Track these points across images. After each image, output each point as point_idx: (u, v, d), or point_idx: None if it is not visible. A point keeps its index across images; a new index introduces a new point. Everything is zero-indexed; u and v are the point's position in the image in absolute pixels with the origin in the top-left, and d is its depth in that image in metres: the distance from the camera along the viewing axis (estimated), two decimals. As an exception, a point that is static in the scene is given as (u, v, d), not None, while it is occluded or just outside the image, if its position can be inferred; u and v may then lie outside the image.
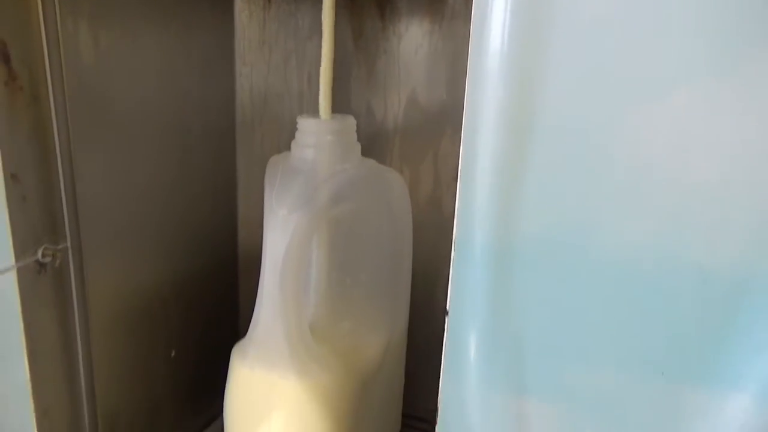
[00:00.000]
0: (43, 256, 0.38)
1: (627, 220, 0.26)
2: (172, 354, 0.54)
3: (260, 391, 0.45)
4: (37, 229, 0.38)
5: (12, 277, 0.36)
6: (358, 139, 0.48)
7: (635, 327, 0.27)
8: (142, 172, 0.47)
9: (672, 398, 0.27)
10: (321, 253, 0.47)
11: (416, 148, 0.60)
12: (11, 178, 0.35)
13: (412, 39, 0.57)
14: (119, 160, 0.44)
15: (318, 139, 0.44)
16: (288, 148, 0.47)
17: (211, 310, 0.59)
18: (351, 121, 0.46)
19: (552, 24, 0.25)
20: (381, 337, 0.50)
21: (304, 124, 0.44)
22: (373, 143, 0.60)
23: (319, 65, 0.45)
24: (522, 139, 0.27)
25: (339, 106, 0.62)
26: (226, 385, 0.47)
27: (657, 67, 0.24)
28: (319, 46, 0.47)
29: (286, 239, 0.41)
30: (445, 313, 0.31)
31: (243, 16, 0.58)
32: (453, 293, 0.30)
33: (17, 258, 0.36)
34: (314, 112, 0.49)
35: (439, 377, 0.32)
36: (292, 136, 0.46)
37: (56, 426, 0.42)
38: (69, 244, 0.40)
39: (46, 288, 0.39)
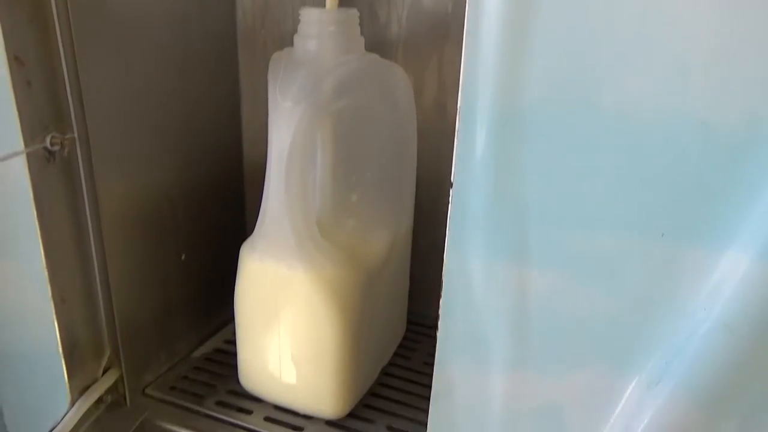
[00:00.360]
0: (52, 144, 0.38)
1: (631, 76, 0.26)
2: (183, 257, 0.55)
3: (269, 284, 0.46)
4: (44, 115, 0.38)
5: (22, 163, 0.37)
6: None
7: (638, 188, 0.27)
8: (144, 72, 0.47)
9: (672, 259, 0.28)
10: (326, 149, 0.47)
11: (420, 53, 0.59)
12: (15, 61, 0.35)
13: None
14: (122, 57, 0.44)
15: (321, 30, 0.43)
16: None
17: (218, 215, 0.60)
18: (354, 12, 0.45)
19: None
20: (386, 233, 0.50)
21: (308, 14, 0.44)
22: (376, 49, 0.59)
23: None
24: None
25: (341, 5, 0.60)
26: (236, 282, 0.48)
27: None
28: None
29: (291, 131, 0.42)
30: (450, 185, 0.31)
31: None
32: (458, 164, 0.30)
33: (26, 143, 0.36)
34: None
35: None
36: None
37: (74, 314, 0.44)
38: (76, 134, 0.40)
39: (55, 177, 0.39)
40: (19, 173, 0.37)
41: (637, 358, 0.30)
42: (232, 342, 0.60)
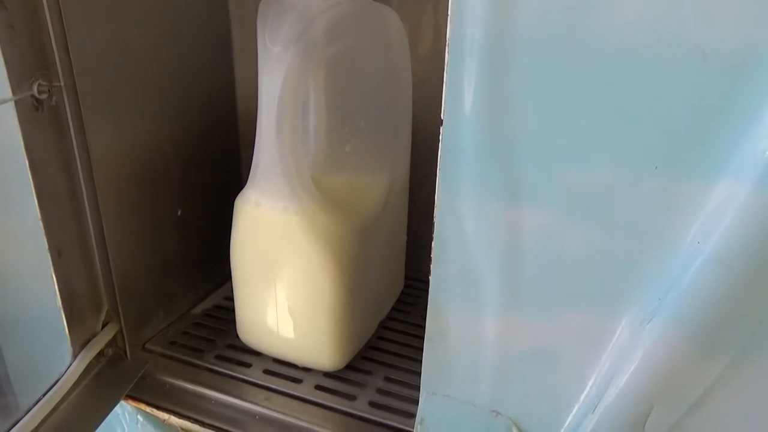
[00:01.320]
0: (39, 91, 0.38)
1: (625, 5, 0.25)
2: (179, 213, 0.55)
3: (263, 235, 0.46)
4: (29, 62, 0.37)
5: (11, 110, 0.36)
6: None
7: (631, 119, 0.27)
8: (133, 19, 0.46)
9: (665, 193, 0.27)
10: (318, 96, 0.46)
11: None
12: (-4, 6, 0.34)
13: None
14: (108, 4, 0.43)
15: (311, -27, 0.42)
16: None
17: (214, 170, 0.59)
18: (344, -43, 0.44)
19: None
20: (382, 181, 0.50)
21: (297, -42, 0.42)
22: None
23: None
24: None
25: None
26: (232, 234, 0.48)
27: None
28: None
29: (282, 77, 0.41)
30: (440, 123, 0.30)
31: None
32: (447, 99, 0.30)
33: (14, 91, 0.36)
34: None
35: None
36: None
37: (71, 268, 0.44)
38: (62, 83, 0.39)
39: (45, 126, 0.39)
40: (9, 121, 0.36)
41: (629, 296, 0.29)
42: (232, 299, 0.60)
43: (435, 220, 0.33)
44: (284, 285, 0.47)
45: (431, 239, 0.33)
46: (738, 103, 0.25)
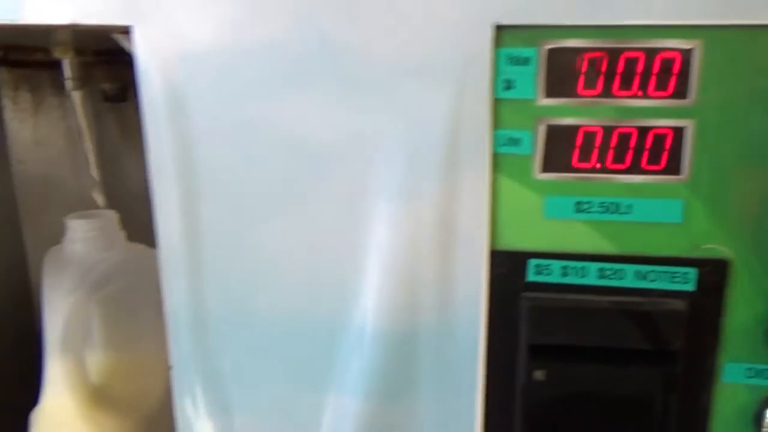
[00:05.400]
0: None
1: (266, 295, 0.42)
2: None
3: (57, 443, 0.55)
4: None
5: None
6: (140, 217, 0.59)
7: (286, 360, 0.43)
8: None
9: (314, 402, 0.43)
10: (101, 325, 0.58)
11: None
12: None
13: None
14: None
15: (83, 236, 0.55)
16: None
17: (9, 391, 0.67)
18: (112, 216, 0.58)
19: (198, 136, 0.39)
20: (161, 383, 0.62)
21: (71, 224, 0.56)
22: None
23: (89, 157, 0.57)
24: (195, 225, 0.40)
25: (117, 189, 0.73)
26: (29, 445, 0.57)
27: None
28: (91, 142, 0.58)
29: (63, 319, 0.53)
30: (170, 368, 0.44)
31: (14, 123, 0.66)
32: (173, 354, 0.44)
33: None
34: (91, 197, 0.59)
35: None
36: None
37: None
38: None
39: None
40: None
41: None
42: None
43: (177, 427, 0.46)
44: (78, 482, 0.56)
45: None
46: (335, 354, 0.42)
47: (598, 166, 0.36)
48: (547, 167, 0.37)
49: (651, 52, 0.34)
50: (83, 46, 0.52)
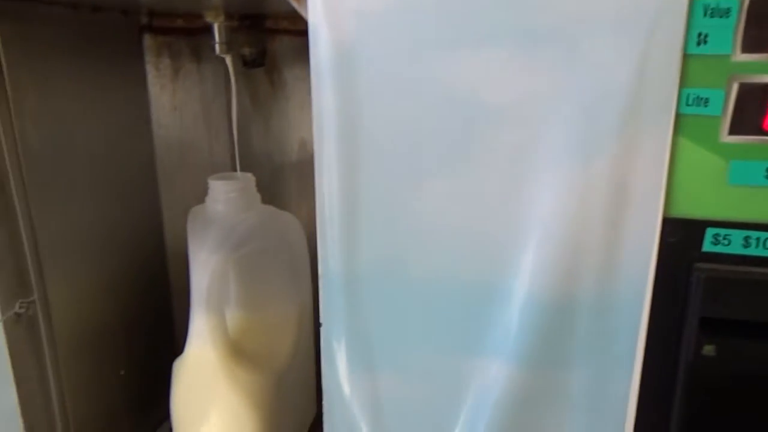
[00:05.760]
0: (20, 307, 0.50)
1: (421, 256, 0.42)
2: (122, 372, 0.67)
3: (197, 393, 0.58)
4: (12, 286, 0.50)
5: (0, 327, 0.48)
6: (262, 183, 0.61)
7: (436, 322, 0.43)
8: (88, 227, 0.59)
9: (461, 366, 0.43)
10: (238, 283, 0.61)
11: (310, 186, 0.74)
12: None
13: (298, 101, 0.71)
14: (67, 222, 0.56)
15: (225, 196, 0.58)
16: (204, 193, 0.60)
17: (149, 337, 0.71)
18: (250, 178, 0.60)
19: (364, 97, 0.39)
20: (289, 341, 0.64)
21: (214, 185, 0.58)
22: (275, 185, 0.73)
23: (224, 122, 0.59)
24: (354, 186, 0.41)
25: (244, 155, 0.75)
26: (171, 391, 0.60)
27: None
28: (222, 108, 0.60)
29: (208, 276, 0.55)
30: (319, 324, 0.45)
31: (155, 88, 0.70)
32: (323, 310, 0.45)
33: (2, 313, 0.48)
34: (224, 160, 0.61)
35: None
36: (207, 183, 0.59)
37: (39, 438, 0.54)
38: (36, 296, 0.52)
39: (23, 331, 0.51)
40: (-3, 337, 0.48)
41: (451, 430, 0.45)
42: (168, 439, 0.71)
43: (323, 386, 0.47)
44: (215, 428, 0.59)
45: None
46: (488, 318, 0.42)
47: (795, 129, 0.33)
48: (735, 129, 0.34)
49: None
50: (232, 10, 0.54)
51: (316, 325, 0.69)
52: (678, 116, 0.34)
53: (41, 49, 0.52)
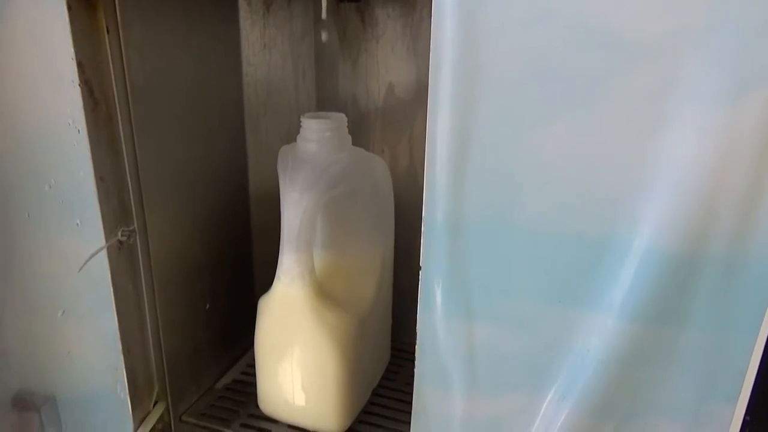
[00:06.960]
0: (122, 235, 0.51)
1: (533, 202, 0.40)
2: (207, 306, 0.68)
3: (282, 330, 0.59)
4: (115, 215, 0.51)
5: (104, 254, 0.49)
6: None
7: (541, 271, 0.41)
8: (179, 164, 0.60)
9: (565, 318, 0.42)
10: (326, 224, 0.60)
11: (394, 131, 0.73)
12: (100, 180, 0.48)
13: (388, 40, 0.69)
14: (164, 156, 0.57)
15: (319, 136, 0.57)
16: (288, 135, 0.59)
17: (232, 276, 0.73)
18: (343, 118, 0.59)
19: (487, 30, 0.36)
20: (372, 285, 0.64)
21: (307, 123, 0.57)
22: (358, 128, 0.72)
23: (311, 62, 0.58)
24: (468, 126, 0.39)
25: (328, 96, 0.74)
26: (256, 328, 0.61)
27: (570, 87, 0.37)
28: (310, 47, 0.58)
29: (300, 216, 0.55)
30: (419, 268, 0.45)
31: (246, 24, 0.69)
32: (424, 254, 0.44)
33: (107, 239, 0.49)
34: (308, 101, 0.59)
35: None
36: (291, 124, 0.58)
37: (135, 361, 0.56)
38: (136, 225, 0.53)
39: (124, 260, 0.52)
40: (100, 260, 0.50)
41: (547, 384, 0.43)
42: (247, 373, 0.73)
43: (417, 331, 0.46)
44: (299, 367, 0.60)
45: (410, 317, 0.46)
46: (599, 270, 0.40)
47: None
48: None
49: None
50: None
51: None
52: None
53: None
